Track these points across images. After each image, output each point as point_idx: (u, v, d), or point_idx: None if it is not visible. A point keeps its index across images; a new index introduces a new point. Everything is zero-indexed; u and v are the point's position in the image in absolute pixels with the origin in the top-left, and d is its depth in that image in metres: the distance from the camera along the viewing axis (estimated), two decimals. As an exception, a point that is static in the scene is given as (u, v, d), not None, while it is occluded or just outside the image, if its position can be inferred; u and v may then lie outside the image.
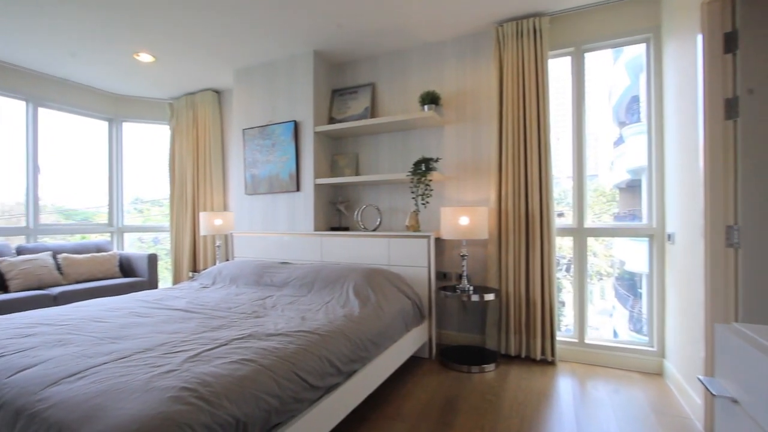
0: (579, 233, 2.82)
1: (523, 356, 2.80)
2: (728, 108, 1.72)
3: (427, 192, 2.92)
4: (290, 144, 3.41)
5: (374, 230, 3.22)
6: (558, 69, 2.97)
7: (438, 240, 3.08)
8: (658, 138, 2.58)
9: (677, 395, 2.24)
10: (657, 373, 2.55)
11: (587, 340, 2.79)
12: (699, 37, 1.81)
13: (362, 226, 3.30)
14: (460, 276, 2.86)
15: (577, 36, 2.80)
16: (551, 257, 2.69)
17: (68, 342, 1.62)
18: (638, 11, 2.63)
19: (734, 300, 1.70)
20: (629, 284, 4.24)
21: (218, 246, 3.96)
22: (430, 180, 2.94)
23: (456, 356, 2.78)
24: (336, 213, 3.58)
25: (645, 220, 2.72)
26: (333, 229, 3.41)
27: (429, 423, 1.96)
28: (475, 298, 2.67)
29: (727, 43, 1.71)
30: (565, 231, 2.87)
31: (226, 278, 3.03)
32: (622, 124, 4.49)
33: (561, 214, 3.06)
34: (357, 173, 3.51)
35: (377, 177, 3.15)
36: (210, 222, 3.79)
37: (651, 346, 2.63)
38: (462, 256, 2.83)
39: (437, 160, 2.98)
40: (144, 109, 4.62)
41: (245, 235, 3.67)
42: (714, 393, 0.82)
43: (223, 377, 1.27)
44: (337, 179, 3.32)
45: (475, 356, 2.78)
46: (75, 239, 4.25)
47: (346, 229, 3.40)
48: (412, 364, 2.71)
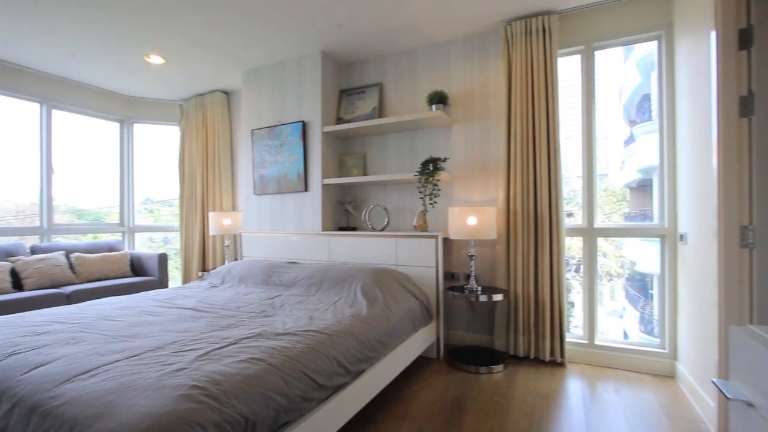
0: (589, 233, 2.79)
1: (532, 357, 2.78)
2: (743, 105, 1.68)
3: (435, 192, 2.91)
4: (298, 144, 3.43)
5: (382, 230, 3.22)
6: (567, 67, 2.94)
7: (446, 240, 3.07)
8: (670, 136, 2.54)
9: (690, 398, 2.20)
10: (669, 376, 2.52)
11: (597, 342, 2.76)
12: (713, 34, 1.78)
13: (370, 226, 3.30)
14: (468, 276, 2.85)
15: (587, 34, 2.77)
16: (560, 257, 2.67)
17: (81, 340, 1.64)
18: (649, 8, 2.59)
19: (749, 301, 1.67)
20: (640, 285, 4.18)
21: (227, 246, 3.99)
22: (438, 180, 2.93)
23: (464, 357, 2.77)
24: (344, 213, 3.59)
25: (656, 220, 2.68)
26: (341, 229, 3.42)
27: (436, 423, 1.95)
28: (483, 299, 2.66)
29: (742, 40, 1.68)
30: (575, 231, 2.84)
31: (235, 278, 3.06)
32: (633, 123, 4.43)
33: (570, 214, 3.04)
34: (365, 173, 3.52)
35: (385, 177, 3.15)
36: (219, 222, 3.83)
37: (663, 348, 2.59)
38: (470, 257, 2.82)
39: (445, 160, 2.97)
40: (154, 111, 4.68)
41: (254, 235, 3.69)
42: (729, 396, 0.81)
43: (233, 376, 1.28)
44: (345, 179, 3.33)
45: (484, 357, 2.76)
46: (87, 239, 4.31)
47: (354, 229, 3.40)
48: (420, 365, 2.71)
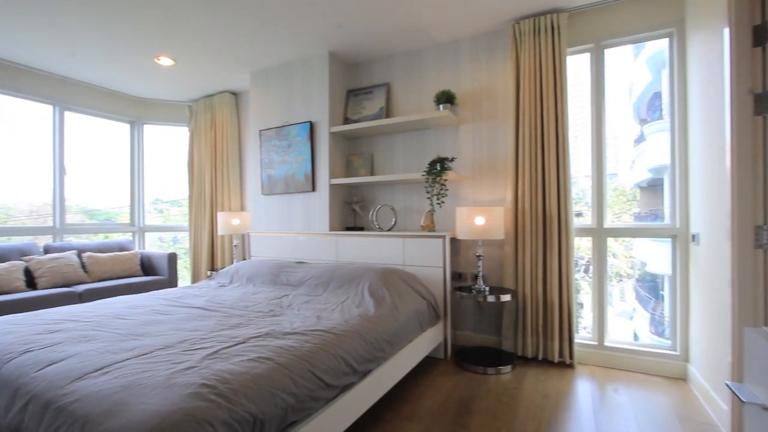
0: (598, 233, 2.76)
1: (540, 358, 2.75)
2: (757, 103, 1.65)
3: (443, 192, 2.90)
4: (306, 144, 3.44)
5: (389, 230, 3.22)
6: (577, 66, 2.91)
7: (453, 240, 3.05)
8: (682, 135, 2.50)
9: (702, 401, 2.16)
10: (680, 378, 2.48)
11: (607, 343, 2.73)
12: (726, 31, 1.75)
13: (377, 226, 3.30)
14: (476, 276, 2.83)
15: (597, 32, 2.74)
16: (569, 258, 2.64)
17: (93, 338, 1.67)
18: (660, 5, 2.55)
19: (763, 303, 1.64)
20: (651, 286, 4.13)
21: (235, 245, 4.02)
22: (446, 180, 2.92)
23: (471, 357, 2.75)
24: (351, 213, 3.59)
25: (668, 220, 2.64)
26: (348, 229, 3.42)
27: (444, 424, 1.95)
28: (491, 299, 2.64)
29: (756, 36, 1.64)
30: (584, 231, 2.81)
31: (243, 277, 3.08)
32: (644, 122, 4.37)
33: (579, 214, 3.01)
34: (372, 173, 3.52)
35: (392, 177, 3.14)
36: (227, 222, 3.86)
37: (674, 350, 2.55)
38: (478, 257, 2.80)
39: (452, 160, 2.96)
40: (164, 112, 4.73)
41: (262, 235, 3.71)
42: (743, 399, 0.79)
43: (241, 375, 1.29)
44: (352, 179, 3.34)
45: (491, 357, 2.75)
46: (98, 238, 4.38)
47: (361, 229, 3.41)
48: (427, 365, 2.70)
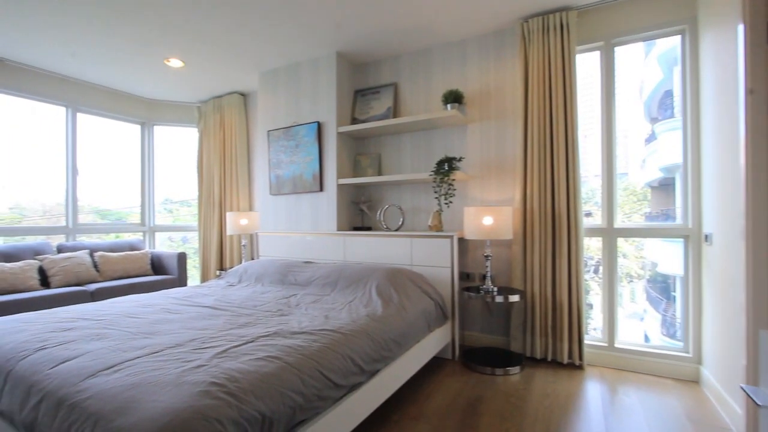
0: (608, 233, 2.73)
1: (549, 359, 2.73)
2: (773, 101, 1.62)
3: (450, 192, 2.89)
4: (313, 145, 3.45)
5: (397, 230, 3.22)
6: (586, 64, 2.88)
7: (461, 240, 3.04)
8: (694, 134, 2.46)
9: (715, 404, 2.13)
10: (693, 381, 2.44)
11: (617, 344, 2.70)
12: (740, 28, 1.71)
13: (385, 226, 3.30)
14: (484, 277, 2.82)
15: (607, 30, 2.71)
16: (579, 258, 2.62)
17: (104, 336, 1.69)
18: (672, 2, 2.51)
19: (779, 305, 1.60)
20: (662, 287, 4.07)
21: (244, 245, 4.05)
22: (453, 179, 2.91)
23: (479, 358, 2.74)
24: (359, 213, 3.60)
25: (680, 220, 2.60)
26: (356, 229, 3.43)
27: (452, 425, 1.94)
28: (500, 300, 2.62)
29: (772, 33, 1.61)
30: (594, 231, 2.78)
31: (252, 277, 3.10)
32: (655, 120, 4.31)
33: (589, 214, 2.97)
34: (379, 173, 3.52)
35: (400, 177, 3.14)
36: (236, 222, 3.89)
37: (686, 352, 2.52)
38: (486, 257, 2.79)
39: (460, 160, 2.95)
40: (174, 113, 4.78)
41: (270, 235, 3.74)
42: (759, 403, 0.77)
43: (250, 373, 1.30)
44: (360, 179, 3.34)
45: (499, 358, 2.73)
46: (110, 238, 4.44)
47: (369, 229, 3.41)
48: (435, 365, 2.69)
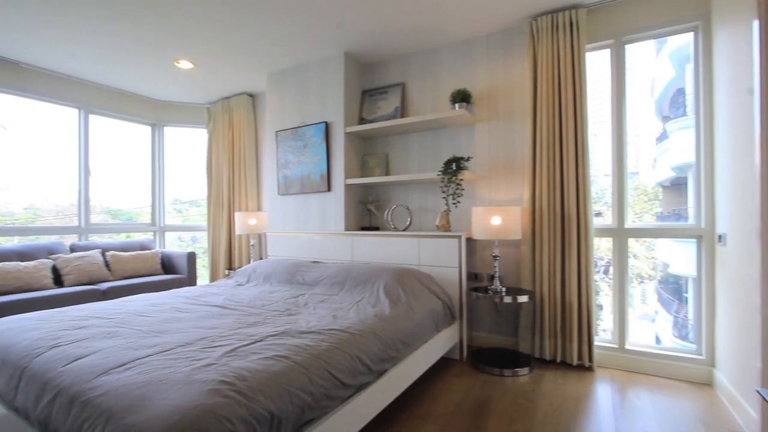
0: (619, 234, 2.70)
1: (559, 361, 2.71)
2: (789, 99, 1.59)
3: (458, 191, 2.88)
4: (321, 145, 3.47)
5: (404, 230, 3.21)
6: (596, 62, 2.85)
7: (469, 240, 3.03)
8: (707, 132, 2.42)
9: (729, 408, 2.09)
10: (706, 383, 2.40)
11: (628, 346, 2.66)
12: (755, 24, 1.68)
13: (392, 226, 3.30)
14: (492, 277, 2.80)
15: (617, 27, 2.68)
16: (589, 258, 2.59)
17: (116, 334, 1.72)
18: (685, -2, 2.48)
19: (796, 306, 1.57)
20: (674, 288, 4.00)
21: (252, 245, 4.08)
22: (461, 179, 2.90)
23: (488, 358, 2.73)
24: (366, 213, 3.60)
25: (692, 220, 2.56)
26: (363, 229, 3.43)
27: (460, 425, 1.93)
28: (508, 300, 2.61)
29: (788, 29, 1.58)
30: (604, 231, 2.75)
31: (260, 276, 3.12)
32: (666, 119, 4.24)
33: (599, 214, 2.94)
34: (387, 173, 3.52)
35: (407, 177, 3.14)
36: (245, 222, 3.91)
37: (699, 354, 2.47)
38: (494, 257, 2.77)
39: (468, 159, 2.93)
40: (184, 114, 4.84)
41: (278, 235, 3.76)
42: (775, 406, 0.76)
43: (259, 372, 1.31)
44: (368, 179, 3.34)
45: (508, 359, 2.71)
46: (121, 238, 4.50)
47: (377, 229, 3.41)
48: (443, 366, 2.68)
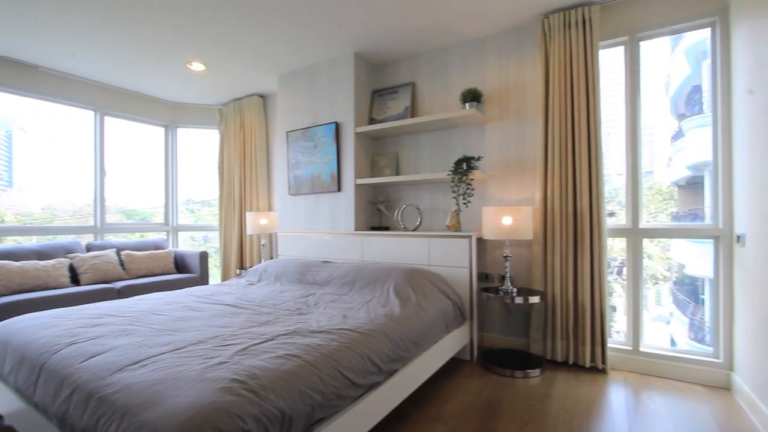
0: (633, 234, 2.65)
1: (571, 363, 2.67)
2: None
3: (469, 191, 2.87)
4: (331, 145, 3.48)
5: (414, 230, 3.21)
6: (610, 60, 2.81)
7: (480, 240, 3.01)
8: (725, 130, 2.36)
9: (748, 412, 2.04)
10: (724, 387, 2.34)
11: (642, 348, 2.62)
12: (775, 18, 1.64)
13: (402, 226, 3.29)
14: (503, 277, 2.78)
15: (631, 24, 2.63)
16: (602, 259, 2.55)
17: (131, 332, 1.75)
18: (701, -6, 2.42)
19: (819, 309, 1.53)
20: (690, 289, 3.92)
21: (263, 245, 4.12)
22: (472, 179, 2.88)
23: (498, 360, 2.70)
24: (376, 213, 3.60)
25: (709, 220, 2.50)
26: (373, 229, 3.44)
27: (471, 427, 1.92)
28: (519, 301, 2.58)
29: (810, 23, 1.53)
30: (618, 231, 2.70)
31: (271, 276, 3.15)
32: (682, 117, 4.16)
33: (612, 214, 2.90)
34: (397, 173, 3.52)
35: (417, 177, 3.13)
36: (256, 222, 3.95)
37: (716, 357, 2.42)
38: (505, 257, 2.75)
39: (479, 159, 2.92)
40: (196, 115, 4.90)
41: (289, 235, 3.78)
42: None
43: (270, 371, 1.32)
44: (378, 179, 3.34)
45: (519, 360, 2.69)
46: (135, 237, 4.58)
47: (387, 229, 3.41)
48: (453, 366, 2.67)
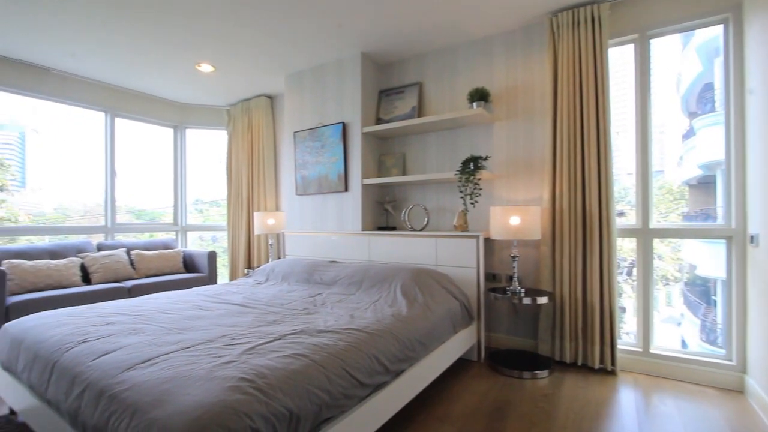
0: (643, 234, 2.62)
1: (580, 364, 2.65)
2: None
3: (476, 191, 2.85)
4: (338, 145, 3.49)
5: (421, 230, 3.20)
6: (619, 58, 2.77)
7: (487, 240, 3.00)
8: (738, 129, 2.32)
9: (762, 416, 2.00)
10: (737, 390, 2.30)
11: (653, 350, 2.58)
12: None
13: (409, 226, 3.29)
14: (511, 278, 2.76)
15: (642, 21, 2.60)
16: (611, 259, 2.52)
17: (141, 331, 1.77)
18: (714, -10, 2.38)
19: (835, 311, 1.49)
20: (701, 290, 3.86)
21: (271, 244, 4.14)
22: (479, 179, 2.87)
23: (506, 360, 2.69)
24: (383, 213, 3.60)
25: (721, 220, 2.46)
26: (380, 229, 3.44)
27: (478, 427, 1.91)
28: (527, 301, 2.56)
29: (827, 19, 1.50)
30: (628, 231, 2.67)
31: (279, 275, 3.16)
32: (693, 115, 4.09)
33: (621, 214, 2.86)
34: (404, 173, 3.51)
35: (424, 176, 3.12)
36: (263, 222, 3.97)
37: (729, 360, 2.38)
38: (513, 257, 2.73)
39: (486, 159, 2.90)
40: (204, 116, 4.94)
41: (296, 234, 3.80)
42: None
43: (278, 370, 1.32)
44: (385, 179, 3.34)
45: (527, 361, 2.67)
46: (144, 237, 4.63)
47: (394, 229, 3.41)
48: (460, 367, 2.66)
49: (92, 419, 1.23)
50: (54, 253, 3.47)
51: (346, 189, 3.48)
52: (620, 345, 2.65)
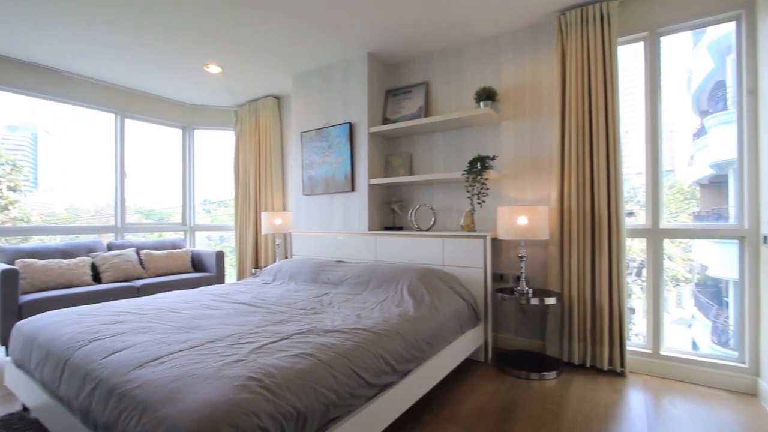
0: (653, 234, 2.59)
1: (588, 365, 2.62)
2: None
3: (483, 191, 2.84)
4: (345, 145, 3.49)
5: (428, 230, 3.20)
6: (629, 56, 2.74)
7: (494, 240, 2.98)
8: (751, 127, 2.29)
9: (776, 419, 1.97)
10: (750, 393, 2.27)
11: (663, 351, 2.55)
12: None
13: (416, 226, 3.28)
14: (518, 278, 2.75)
15: (652, 19, 2.57)
16: (621, 260, 2.49)
17: (150, 330, 1.79)
18: (726, -14, 2.35)
19: None
20: (713, 292, 3.80)
21: (278, 244, 4.16)
22: (486, 179, 2.85)
23: (513, 361, 2.67)
24: (390, 213, 3.60)
25: (734, 220, 2.43)
26: (387, 229, 3.44)
27: (485, 428, 1.90)
28: (535, 302, 2.55)
29: (843, 15, 1.47)
30: (637, 232, 2.64)
31: (286, 275, 3.18)
32: (704, 114, 4.03)
33: (631, 213, 2.83)
34: (411, 173, 3.51)
35: (431, 176, 3.12)
36: (270, 221, 3.99)
37: (741, 362, 2.34)
38: (520, 258, 2.72)
39: (494, 158, 2.89)
40: (212, 117, 4.98)
41: (303, 234, 3.81)
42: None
43: (285, 369, 1.33)
44: (391, 179, 3.34)
45: (535, 362, 2.65)
46: (153, 237, 4.68)
47: (400, 229, 3.41)
48: (468, 367, 2.65)
49: (103, 416, 1.24)
50: (65, 253, 3.52)
51: (353, 189, 3.49)
52: (629, 346, 2.62)
